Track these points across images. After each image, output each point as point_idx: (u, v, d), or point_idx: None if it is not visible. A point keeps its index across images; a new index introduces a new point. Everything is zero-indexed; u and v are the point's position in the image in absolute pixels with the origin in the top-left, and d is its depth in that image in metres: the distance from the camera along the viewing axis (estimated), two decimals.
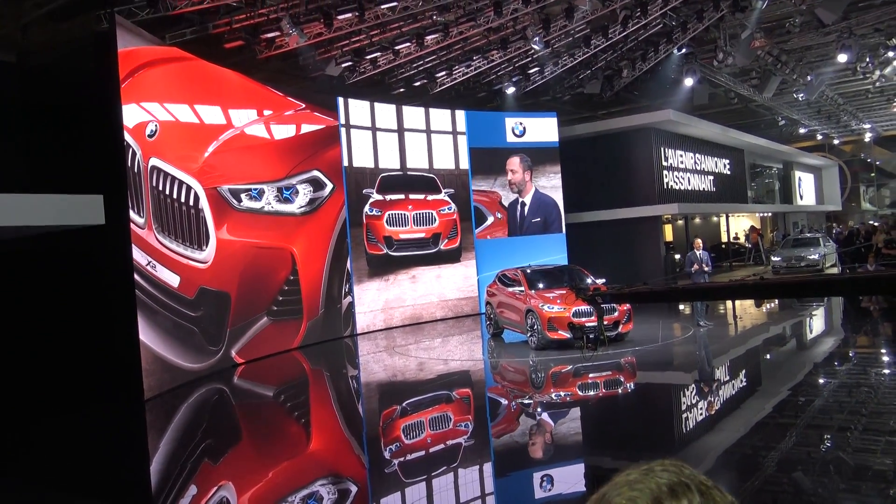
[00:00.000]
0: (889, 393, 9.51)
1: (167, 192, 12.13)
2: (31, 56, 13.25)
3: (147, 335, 10.98)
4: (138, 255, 10.99)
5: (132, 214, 10.92)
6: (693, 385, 10.70)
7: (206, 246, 13.08)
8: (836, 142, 42.63)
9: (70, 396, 10.79)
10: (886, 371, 10.98)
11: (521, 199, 21.10)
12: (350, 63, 17.07)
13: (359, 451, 8.53)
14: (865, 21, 18.68)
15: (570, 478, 7.14)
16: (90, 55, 12.36)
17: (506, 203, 20.90)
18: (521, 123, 21.13)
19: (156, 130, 11.87)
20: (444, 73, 19.53)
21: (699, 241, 15.00)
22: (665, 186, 23.90)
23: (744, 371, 11.59)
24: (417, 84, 19.68)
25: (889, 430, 7.34)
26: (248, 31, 14.69)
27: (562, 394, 10.57)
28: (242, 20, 14.29)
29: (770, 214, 38.59)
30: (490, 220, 20.55)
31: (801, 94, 25.60)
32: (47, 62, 13.48)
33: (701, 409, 9.26)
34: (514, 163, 21.03)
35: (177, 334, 11.90)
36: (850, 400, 8.90)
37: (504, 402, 10.71)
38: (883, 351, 12.66)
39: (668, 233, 27.65)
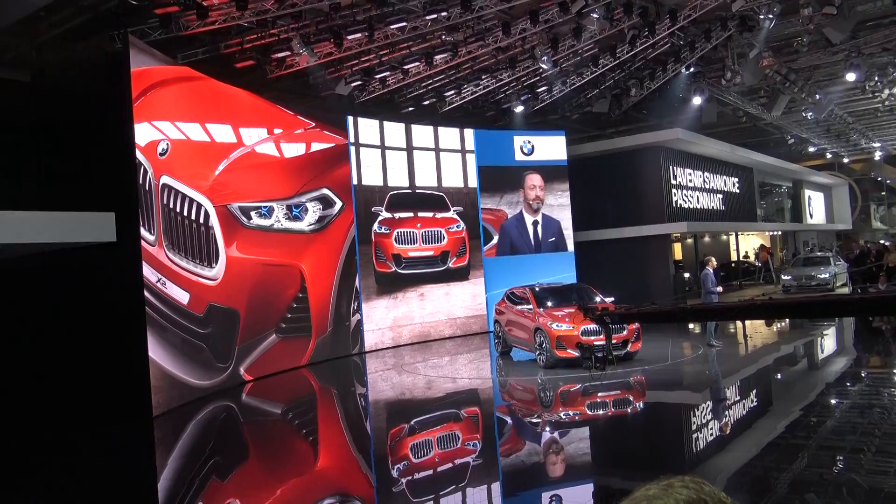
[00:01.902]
0: None
1: (178, 210, 12.21)
2: (45, 75, 13.43)
3: (156, 352, 11.00)
4: (148, 272, 11.05)
5: (143, 232, 10.99)
6: (703, 405, 10.62)
7: (216, 263, 13.14)
8: (845, 160, 42.50)
9: (79, 412, 10.80)
10: None
11: (534, 218, 21.05)
12: (359, 82, 17.21)
13: (367, 469, 8.50)
14: (873, 40, 18.69)
15: (580, 498, 7.08)
16: (103, 75, 12.50)
17: (526, 220, 20.90)
18: (529, 142, 21.20)
19: (167, 149, 11.98)
20: (452, 91, 19.65)
21: (713, 259, 14.89)
22: (674, 205, 23.87)
23: (755, 391, 11.50)
24: (426, 103, 19.80)
25: None
26: (258, 51, 14.86)
27: (571, 413, 10.51)
28: (253, 40, 14.46)
29: (780, 233, 38.44)
30: (496, 238, 20.54)
31: (810, 113, 25.58)
32: (61, 81, 13.64)
33: (712, 429, 9.18)
34: (539, 179, 21.02)
35: (186, 351, 11.92)
36: (862, 421, 8.81)
37: (513, 420, 10.65)
38: (895, 371, 12.54)
39: (678, 251, 27.57)
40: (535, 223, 21.05)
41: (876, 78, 21.62)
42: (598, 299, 13.72)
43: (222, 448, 9.83)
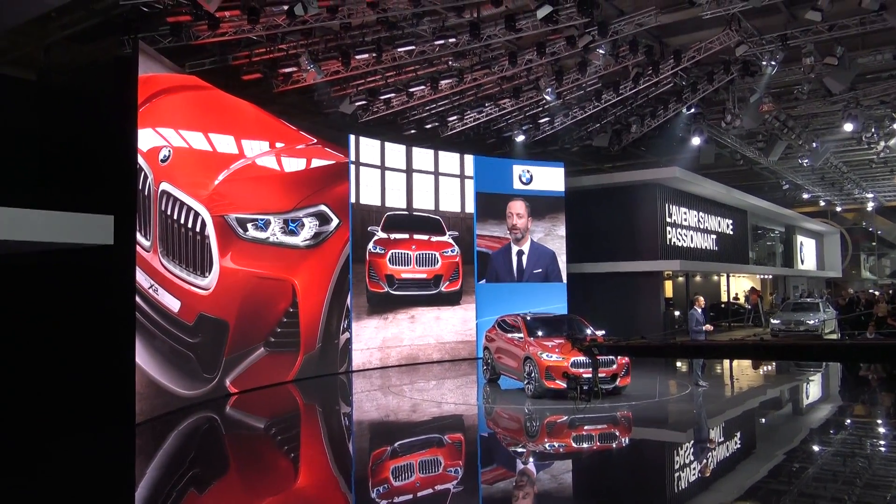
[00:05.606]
0: (884, 465, 9.42)
1: (175, 217, 12.21)
2: (51, 75, 13.47)
3: (143, 358, 10.94)
4: (141, 278, 11.02)
5: (139, 236, 10.98)
6: (688, 444, 10.60)
7: (209, 273, 13.11)
8: (838, 209, 42.92)
9: (61, 416, 10.69)
10: (882, 442, 10.89)
11: (518, 248, 20.99)
12: (364, 102, 17.34)
13: (346, 490, 8.43)
14: (872, 93, 18.99)
15: None
16: (110, 78, 12.56)
17: (511, 250, 20.86)
18: (528, 171, 21.34)
19: (169, 156, 12.02)
20: (455, 117, 19.81)
21: (701, 298, 14.95)
22: (668, 242, 24.01)
23: (739, 433, 11.50)
24: (429, 127, 19.94)
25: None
26: (266, 65, 14.98)
27: (555, 444, 10.48)
28: (262, 54, 14.58)
29: (770, 277, 38.64)
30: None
31: (806, 160, 25.86)
32: (67, 82, 13.69)
33: (695, 469, 9.17)
34: (520, 206, 20.99)
35: (173, 359, 11.85)
36: (844, 470, 8.81)
37: (496, 449, 10.60)
38: (879, 421, 12.57)
39: (669, 289, 27.67)
40: (519, 253, 20.95)
41: (872, 130, 21.91)
42: (588, 331, 13.72)
43: (201, 460, 9.74)
